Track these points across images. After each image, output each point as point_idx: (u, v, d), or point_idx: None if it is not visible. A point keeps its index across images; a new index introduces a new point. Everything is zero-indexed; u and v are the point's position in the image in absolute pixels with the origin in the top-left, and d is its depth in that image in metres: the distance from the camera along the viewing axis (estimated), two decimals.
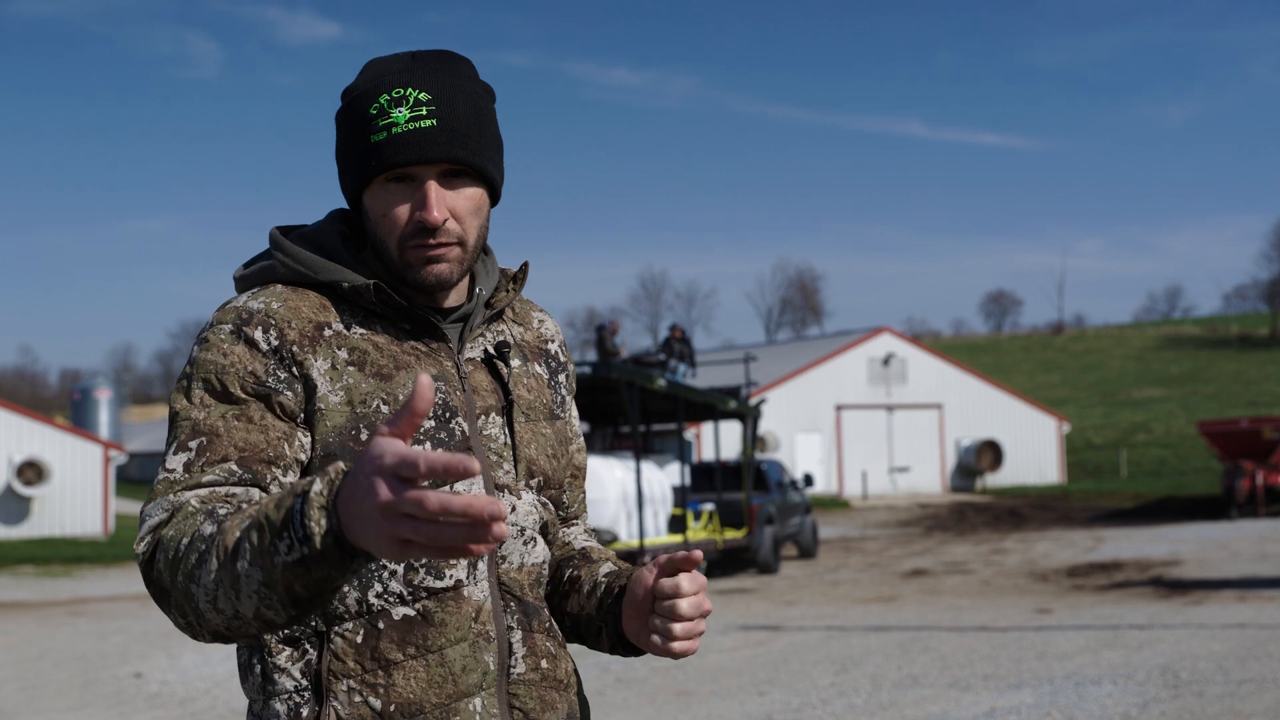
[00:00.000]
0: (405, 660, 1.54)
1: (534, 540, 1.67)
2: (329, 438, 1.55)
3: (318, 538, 1.25)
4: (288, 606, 1.32)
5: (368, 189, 1.61)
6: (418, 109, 1.58)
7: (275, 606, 1.33)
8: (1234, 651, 9.40)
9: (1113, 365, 73.81)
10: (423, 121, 1.57)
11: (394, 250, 1.60)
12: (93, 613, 14.94)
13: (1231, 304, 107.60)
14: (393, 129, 1.57)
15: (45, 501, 27.13)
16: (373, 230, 1.63)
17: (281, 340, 1.57)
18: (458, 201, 1.61)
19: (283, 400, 1.55)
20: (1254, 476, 26.99)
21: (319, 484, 1.27)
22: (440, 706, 1.54)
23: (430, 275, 1.61)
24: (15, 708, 8.83)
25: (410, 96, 1.59)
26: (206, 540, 1.37)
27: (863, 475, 40.52)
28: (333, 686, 1.53)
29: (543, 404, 1.72)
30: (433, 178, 1.59)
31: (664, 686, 8.89)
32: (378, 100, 1.59)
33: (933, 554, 21.02)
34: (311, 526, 1.25)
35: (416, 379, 1.19)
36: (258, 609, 1.33)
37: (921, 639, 10.77)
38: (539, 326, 1.80)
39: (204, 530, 1.39)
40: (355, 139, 1.61)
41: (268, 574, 1.30)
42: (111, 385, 39.59)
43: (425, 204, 1.58)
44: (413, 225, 1.59)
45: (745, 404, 21.51)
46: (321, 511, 1.25)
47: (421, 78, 1.60)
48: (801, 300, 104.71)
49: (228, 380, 1.55)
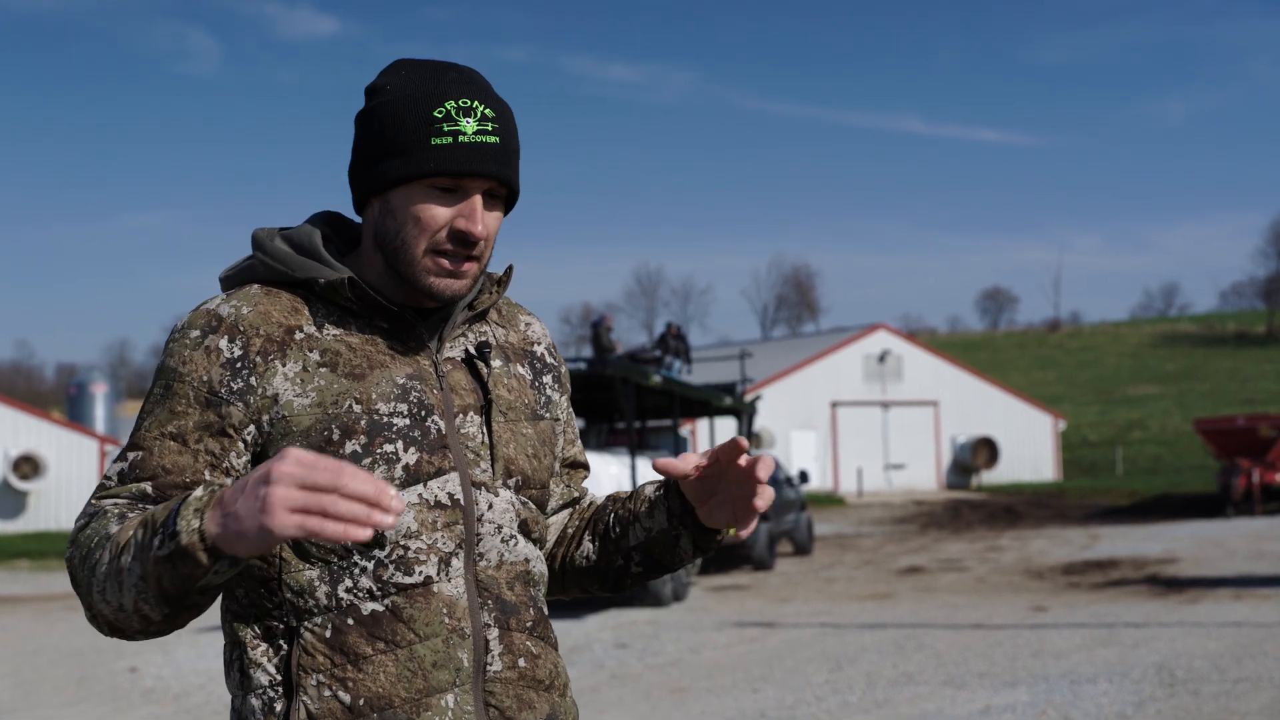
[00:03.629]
0: (374, 655, 1.55)
1: (514, 538, 1.67)
2: (298, 442, 1.56)
3: (184, 534, 1.38)
4: (160, 603, 1.44)
5: (403, 188, 1.61)
6: (484, 124, 1.61)
7: (150, 601, 1.44)
8: (1230, 650, 9.41)
9: (1109, 362, 73.88)
10: (489, 137, 1.60)
11: (417, 251, 1.61)
12: None
13: (1228, 301, 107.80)
14: (459, 136, 1.59)
15: (41, 496, 27.10)
16: (393, 230, 1.63)
17: (246, 349, 1.59)
18: (490, 221, 1.65)
19: (231, 411, 1.57)
20: (1250, 474, 27.01)
21: (200, 490, 1.42)
22: (410, 701, 1.55)
23: (449, 290, 1.63)
24: (11, 703, 8.82)
25: (478, 110, 1.61)
26: (108, 538, 1.48)
27: (858, 472, 40.54)
28: (302, 681, 1.55)
29: (524, 404, 1.73)
30: (479, 192, 1.62)
31: (658, 683, 8.89)
32: (443, 105, 1.60)
33: (928, 551, 21.03)
34: (180, 524, 1.39)
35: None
36: (135, 602, 1.45)
37: (916, 636, 10.77)
38: (525, 329, 1.81)
39: (109, 530, 1.50)
40: (405, 135, 1.60)
41: (144, 568, 1.42)
42: (108, 380, 39.52)
43: (473, 216, 1.61)
44: (451, 233, 1.61)
45: (741, 400, 21.52)
46: (195, 514, 1.39)
47: (484, 95, 1.63)
48: (797, 297, 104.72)
49: (180, 389, 1.58)
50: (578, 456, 1.87)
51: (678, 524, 1.73)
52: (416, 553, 1.58)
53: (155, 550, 1.40)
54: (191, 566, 1.39)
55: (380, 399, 1.59)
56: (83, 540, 1.52)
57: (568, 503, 1.87)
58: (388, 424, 1.59)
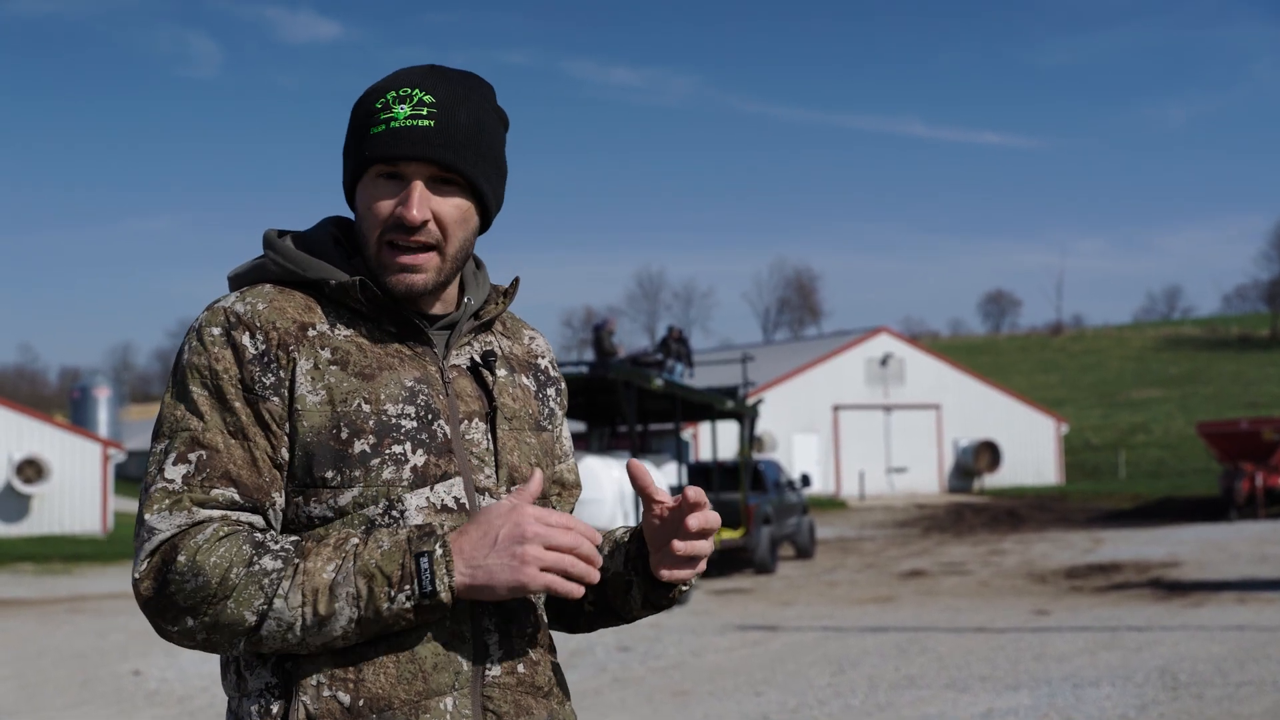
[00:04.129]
0: (374, 656, 1.55)
1: None
2: (307, 437, 1.56)
3: (443, 592, 1.50)
4: (364, 637, 1.52)
5: (359, 185, 1.64)
6: (419, 108, 1.60)
7: (351, 638, 1.52)
8: (1233, 653, 9.41)
9: (1111, 366, 73.83)
10: (421, 120, 1.59)
11: (373, 246, 1.62)
12: (92, 610, 14.94)
13: (1231, 304, 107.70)
14: (391, 123, 1.59)
15: (45, 499, 27.13)
16: (358, 227, 1.65)
17: (267, 343, 1.58)
18: (443, 207, 1.62)
19: (270, 407, 1.57)
20: (1253, 478, 26.98)
21: (439, 548, 1.51)
22: (409, 704, 1.55)
23: (401, 284, 1.62)
24: (15, 706, 8.83)
25: (415, 96, 1.61)
26: (271, 576, 1.49)
27: (860, 476, 40.52)
28: (301, 683, 1.54)
29: (528, 414, 1.73)
30: (421, 178, 1.61)
31: (661, 687, 8.89)
32: (384, 96, 1.62)
33: (930, 555, 21.02)
34: (439, 585, 1.49)
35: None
36: (330, 639, 1.51)
37: (919, 640, 10.77)
38: (529, 342, 1.81)
39: (265, 565, 1.50)
40: (356, 131, 1.64)
41: (365, 615, 1.50)
42: (111, 384, 39.57)
43: (408, 200, 1.59)
44: (392, 220, 1.60)
45: (743, 404, 21.51)
46: (445, 570, 1.50)
47: (433, 84, 1.63)
48: (799, 300, 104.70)
49: (222, 385, 1.57)
50: (564, 475, 1.80)
51: (630, 570, 1.71)
52: None
53: (402, 604, 1.49)
54: (438, 615, 1.52)
55: (389, 400, 1.59)
56: (210, 568, 1.48)
57: None
58: (396, 425, 1.59)
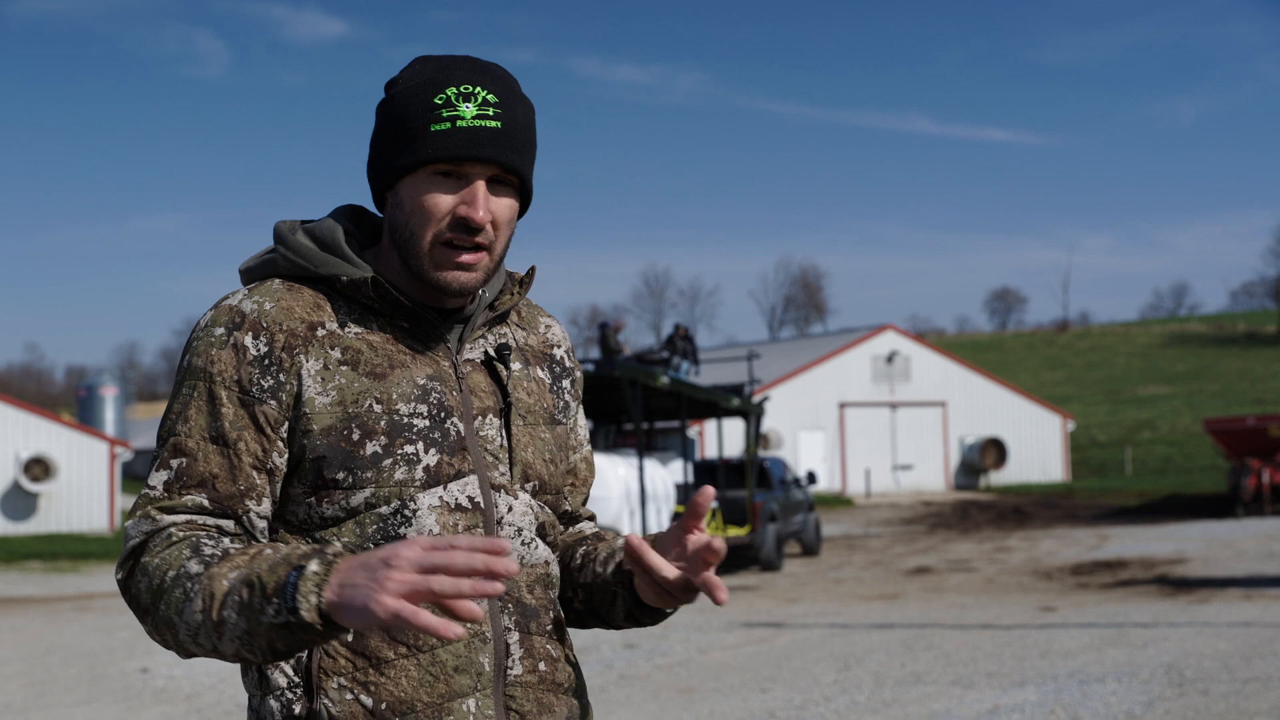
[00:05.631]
0: (396, 659, 1.54)
1: (533, 541, 1.66)
2: (318, 440, 1.55)
3: (305, 611, 1.37)
4: (266, 654, 1.43)
5: (409, 178, 1.58)
6: (485, 108, 1.57)
7: (255, 653, 1.43)
8: (1239, 650, 9.40)
9: (1118, 363, 73.71)
10: (489, 121, 1.56)
11: (424, 244, 1.58)
12: (99, 608, 14.98)
13: (1238, 301, 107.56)
14: (457, 121, 1.56)
15: (52, 498, 27.20)
16: (403, 222, 1.59)
17: (271, 345, 1.56)
18: (498, 208, 1.60)
19: (266, 410, 1.55)
20: (1260, 474, 26.94)
21: (316, 564, 1.38)
22: (432, 706, 1.54)
23: (456, 282, 1.59)
24: (24, 703, 8.86)
25: (479, 95, 1.58)
26: (192, 579, 1.45)
27: (866, 473, 40.50)
28: (323, 684, 1.54)
29: (543, 408, 1.71)
30: (483, 178, 1.58)
31: (667, 683, 8.90)
32: (444, 91, 1.57)
33: (936, 552, 21.02)
34: (300, 602, 1.37)
35: None
36: (238, 651, 1.44)
37: (925, 636, 10.78)
38: (545, 332, 1.79)
39: (190, 568, 1.46)
40: (409, 124, 1.58)
41: (252, 627, 1.41)
42: (117, 382, 39.67)
43: (474, 201, 1.56)
44: (454, 220, 1.57)
45: (748, 401, 21.51)
46: (314, 590, 1.37)
47: (490, 80, 1.60)
48: (805, 298, 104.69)
49: (215, 388, 1.56)
50: (578, 465, 1.82)
51: (617, 583, 1.70)
52: None
53: (271, 618, 1.39)
54: (310, 635, 1.39)
55: (400, 399, 1.58)
56: (153, 570, 1.48)
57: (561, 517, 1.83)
58: (408, 424, 1.57)
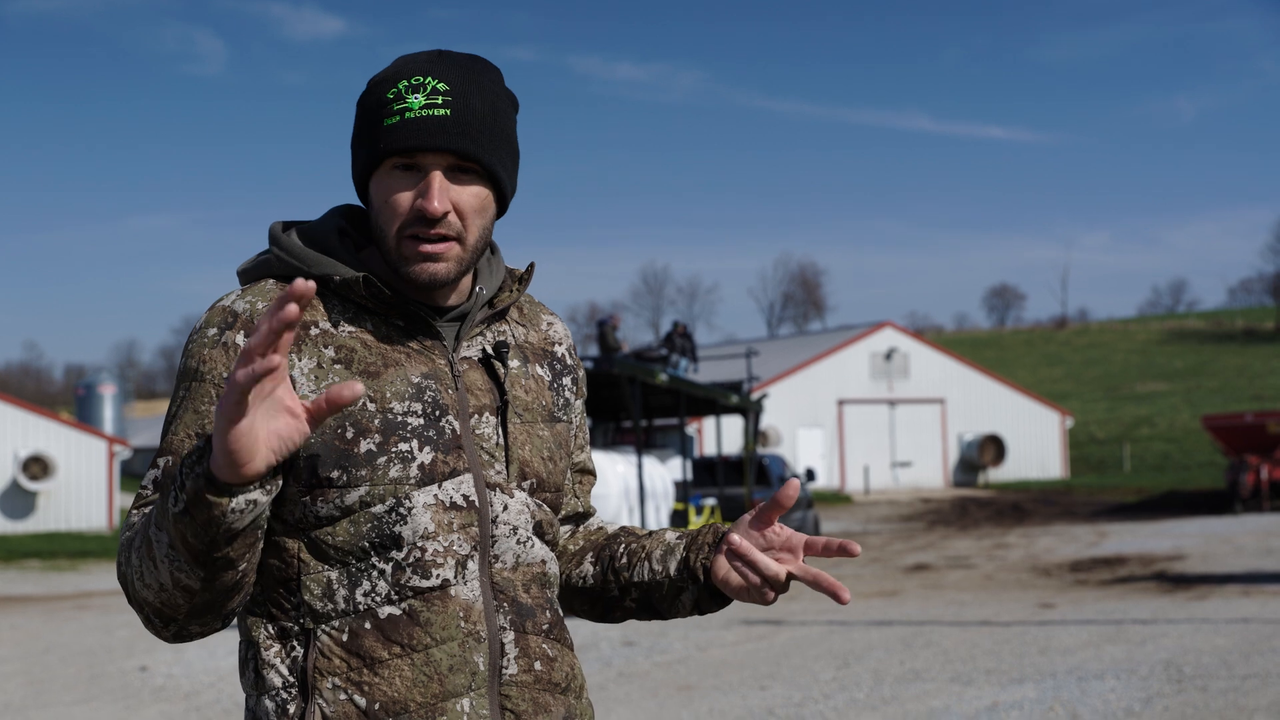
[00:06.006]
0: (390, 659, 1.54)
1: (530, 540, 1.65)
2: (312, 439, 1.54)
3: (189, 479, 1.38)
4: (193, 566, 1.43)
5: (374, 176, 1.60)
6: (434, 97, 1.56)
7: (184, 567, 1.43)
8: (1238, 646, 9.41)
9: (1116, 359, 73.76)
10: (436, 110, 1.56)
11: (391, 239, 1.59)
12: (98, 607, 14.98)
13: (1237, 298, 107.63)
14: (406, 114, 1.56)
15: (51, 496, 27.20)
16: (374, 219, 1.61)
17: None
18: (462, 197, 1.59)
19: None
20: (1258, 471, 26.97)
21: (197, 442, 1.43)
22: (426, 706, 1.54)
23: (424, 273, 1.58)
24: (22, 701, 8.86)
25: (429, 85, 1.57)
26: (138, 533, 1.50)
27: (865, 470, 40.52)
28: (318, 684, 1.54)
29: (541, 406, 1.71)
30: (439, 168, 1.57)
31: (666, 681, 8.91)
32: (396, 85, 1.58)
33: (935, 549, 21.03)
34: (186, 472, 1.39)
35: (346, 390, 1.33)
36: (171, 573, 1.45)
37: (923, 633, 10.78)
38: (546, 329, 1.78)
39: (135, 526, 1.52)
40: (368, 122, 1.60)
41: (169, 533, 1.42)
42: (116, 381, 39.67)
43: (428, 193, 1.56)
44: (413, 213, 1.57)
45: (747, 399, 21.52)
46: (193, 461, 1.39)
47: (444, 70, 1.59)
48: (804, 295, 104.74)
49: (205, 388, 1.57)
50: (586, 463, 1.83)
51: (687, 578, 1.71)
52: (434, 555, 1.56)
53: (172, 508, 1.39)
54: (207, 510, 1.37)
55: (394, 398, 1.57)
56: (123, 545, 1.54)
57: (573, 516, 1.84)
58: (402, 423, 1.57)
